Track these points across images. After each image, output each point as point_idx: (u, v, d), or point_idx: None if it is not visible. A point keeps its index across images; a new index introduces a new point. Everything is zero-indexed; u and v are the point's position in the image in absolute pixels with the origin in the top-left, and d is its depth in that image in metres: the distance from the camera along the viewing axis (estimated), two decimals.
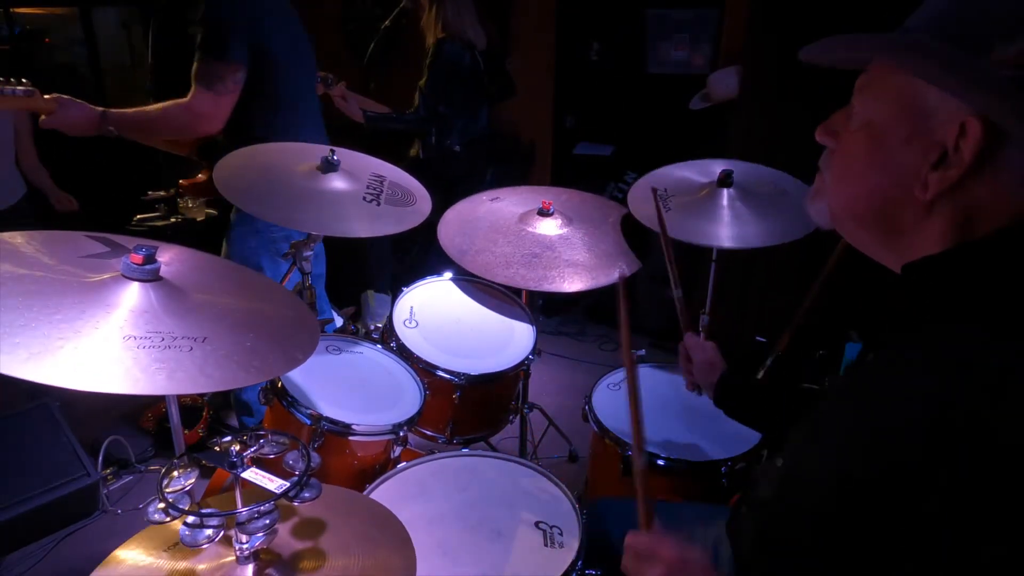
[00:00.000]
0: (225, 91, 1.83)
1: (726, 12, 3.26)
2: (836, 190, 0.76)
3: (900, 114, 0.67)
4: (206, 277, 1.11)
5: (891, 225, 0.70)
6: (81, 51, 4.74)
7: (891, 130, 0.68)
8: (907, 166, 0.66)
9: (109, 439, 2.30)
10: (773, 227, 1.73)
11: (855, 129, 0.72)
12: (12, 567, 2.00)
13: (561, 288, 1.68)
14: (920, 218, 0.68)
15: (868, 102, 0.71)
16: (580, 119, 3.91)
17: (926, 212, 0.67)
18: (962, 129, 0.61)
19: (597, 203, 2.00)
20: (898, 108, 0.67)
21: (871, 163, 0.70)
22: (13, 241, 1.03)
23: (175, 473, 0.90)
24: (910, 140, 0.66)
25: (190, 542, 0.85)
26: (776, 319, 2.03)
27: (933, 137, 0.64)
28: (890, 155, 0.68)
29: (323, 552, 0.96)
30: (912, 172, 0.66)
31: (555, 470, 1.43)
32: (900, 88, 0.67)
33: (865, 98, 0.71)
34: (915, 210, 0.67)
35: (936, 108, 0.64)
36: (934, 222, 0.67)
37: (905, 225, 0.69)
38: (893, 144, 0.68)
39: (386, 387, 1.65)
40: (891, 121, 0.68)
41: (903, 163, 0.67)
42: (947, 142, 0.63)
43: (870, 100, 0.71)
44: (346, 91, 2.82)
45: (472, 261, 1.74)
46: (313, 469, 0.93)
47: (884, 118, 0.69)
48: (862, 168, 0.71)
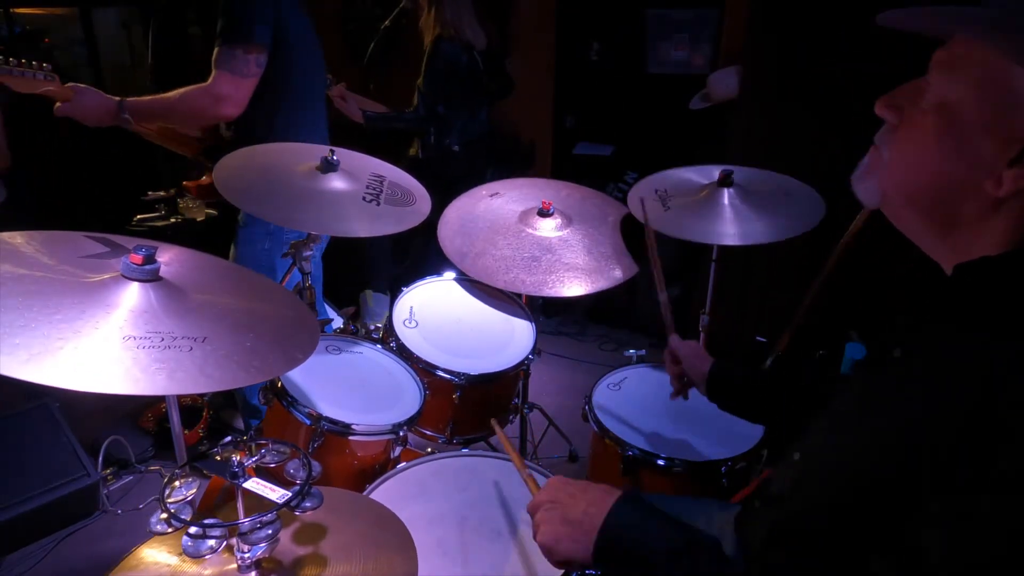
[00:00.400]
0: (248, 73, 1.83)
1: (726, 12, 3.25)
2: (896, 169, 0.70)
3: (983, 98, 0.61)
4: (206, 277, 1.11)
5: (950, 216, 0.66)
6: (81, 51, 4.74)
7: (970, 115, 0.62)
8: (982, 156, 0.61)
9: (109, 439, 2.30)
10: (775, 223, 1.73)
11: (928, 107, 0.66)
12: (12, 567, 2.00)
13: (560, 293, 1.68)
14: (984, 214, 0.63)
15: (947, 80, 0.64)
16: (580, 119, 3.91)
17: (992, 209, 0.62)
18: None
19: (597, 200, 2.00)
20: (982, 91, 0.61)
21: (942, 147, 0.64)
22: (13, 241, 1.03)
23: (177, 483, 0.90)
24: (990, 129, 0.60)
25: (192, 553, 0.85)
26: (776, 319, 2.03)
27: (1016, 129, 0.59)
28: (965, 142, 0.62)
29: (325, 557, 0.96)
30: (987, 163, 0.61)
31: (555, 470, 1.43)
32: (988, 69, 0.61)
33: (944, 75, 0.64)
34: (981, 204, 0.63)
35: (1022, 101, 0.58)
36: (998, 221, 0.63)
37: (966, 218, 0.65)
38: (970, 130, 0.62)
39: (386, 387, 1.65)
40: (971, 105, 0.62)
41: (978, 152, 0.61)
42: None
43: (950, 78, 0.64)
44: (345, 91, 2.82)
45: (472, 265, 1.74)
46: (314, 478, 0.93)
47: (964, 100, 0.62)
48: (931, 150, 0.65)
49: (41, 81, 1.73)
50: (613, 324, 3.64)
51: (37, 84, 1.73)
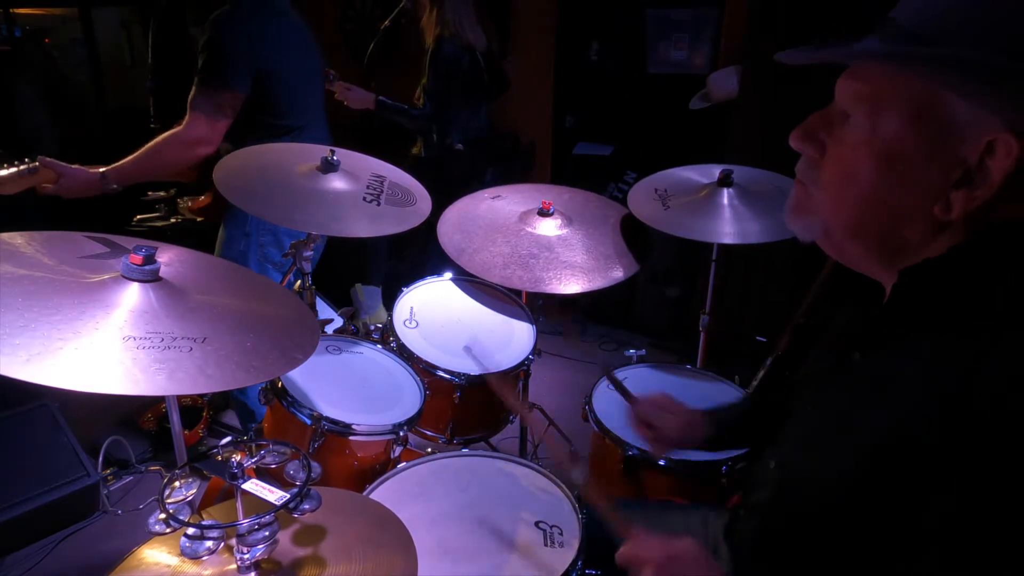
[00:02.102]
0: (223, 116, 1.86)
1: (726, 12, 3.25)
2: (835, 207, 0.68)
3: (917, 128, 0.60)
4: (206, 277, 1.11)
5: (896, 242, 0.65)
6: (81, 51, 4.74)
7: (909, 147, 0.61)
8: (928, 184, 0.61)
9: (109, 440, 2.30)
10: (774, 223, 1.73)
11: (857, 142, 0.65)
12: (12, 568, 2.00)
13: (556, 290, 1.68)
14: (931, 236, 0.63)
15: (874, 113, 0.63)
16: (580, 119, 3.91)
17: (938, 230, 0.62)
18: (989, 147, 0.56)
19: (599, 203, 2.00)
20: (914, 121, 0.60)
21: (885, 181, 0.63)
22: (13, 242, 1.03)
23: (176, 484, 0.90)
24: (930, 156, 0.60)
25: (190, 554, 0.85)
26: (776, 319, 2.03)
27: (956, 153, 0.58)
28: (908, 173, 0.62)
29: (324, 557, 0.96)
30: (931, 191, 0.60)
31: (555, 470, 1.43)
32: (917, 99, 0.60)
33: (869, 109, 0.64)
34: (928, 228, 0.62)
35: (962, 122, 0.58)
36: (943, 239, 0.63)
37: (912, 243, 0.64)
38: (912, 162, 0.61)
39: (386, 387, 1.65)
40: (906, 135, 0.61)
41: (923, 181, 0.61)
42: (970, 159, 0.57)
43: (879, 114, 0.63)
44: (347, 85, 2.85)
45: (470, 260, 1.74)
46: (313, 480, 0.93)
47: (897, 132, 0.62)
48: (873, 185, 0.64)
49: (27, 177, 1.72)
50: (613, 324, 3.64)
51: (24, 181, 1.72)
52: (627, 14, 3.55)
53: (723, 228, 1.73)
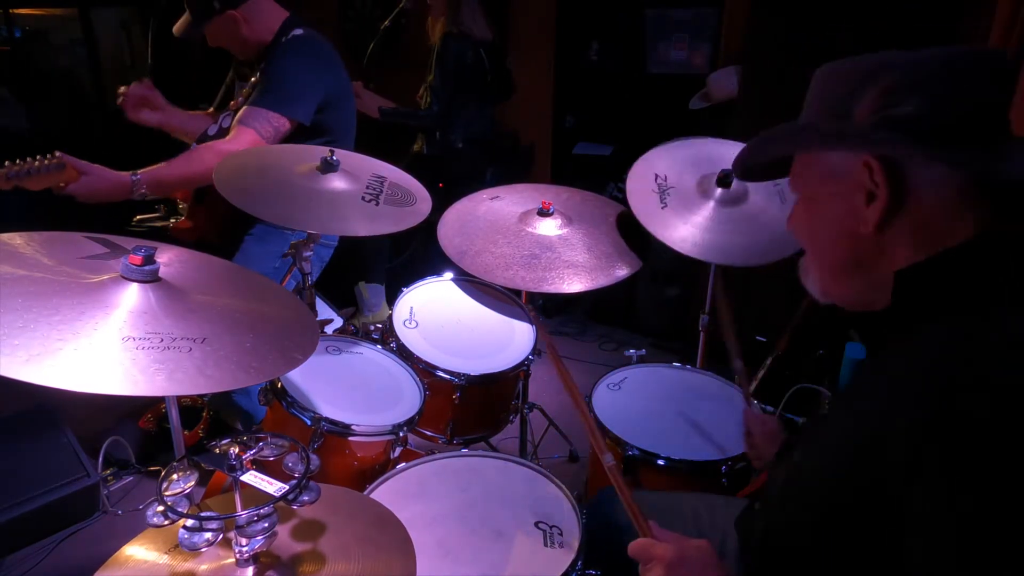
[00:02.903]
0: (271, 139, 1.87)
1: (726, 12, 3.25)
2: (810, 259, 0.88)
3: (822, 179, 0.81)
4: (205, 278, 1.11)
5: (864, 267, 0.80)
6: (81, 51, 4.74)
7: (821, 193, 0.82)
8: (844, 212, 0.78)
9: (109, 440, 2.30)
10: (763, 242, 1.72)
11: (801, 207, 0.87)
12: (12, 568, 2.00)
13: (560, 289, 1.68)
14: (880, 249, 0.77)
15: (799, 183, 0.86)
16: (580, 119, 3.91)
17: (880, 243, 0.76)
18: (868, 167, 0.74)
19: (598, 202, 2.00)
20: (819, 175, 0.81)
21: (819, 223, 0.83)
22: (12, 242, 1.03)
23: (174, 476, 0.90)
24: (839, 193, 0.79)
25: (188, 545, 0.85)
26: (776, 319, 2.03)
27: (854, 182, 0.76)
28: (829, 210, 0.81)
29: (323, 554, 0.96)
30: (851, 215, 0.77)
31: (555, 470, 1.43)
32: (815, 161, 0.82)
33: (796, 183, 0.86)
34: (872, 245, 0.77)
35: (843, 164, 0.77)
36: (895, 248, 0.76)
37: (873, 261, 0.78)
38: (828, 201, 0.81)
39: (386, 387, 1.65)
40: (818, 187, 0.82)
41: (840, 211, 0.79)
42: (866, 182, 0.74)
43: (800, 181, 0.86)
44: (360, 89, 2.86)
45: (472, 262, 1.74)
46: (312, 472, 0.93)
47: (814, 186, 0.83)
48: (815, 231, 0.85)
49: (54, 174, 1.65)
50: (613, 324, 3.64)
51: (51, 178, 1.66)
52: (627, 14, 3.55)
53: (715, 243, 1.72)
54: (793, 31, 2.55)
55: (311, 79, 1.94)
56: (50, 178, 1.65)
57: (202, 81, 2.46)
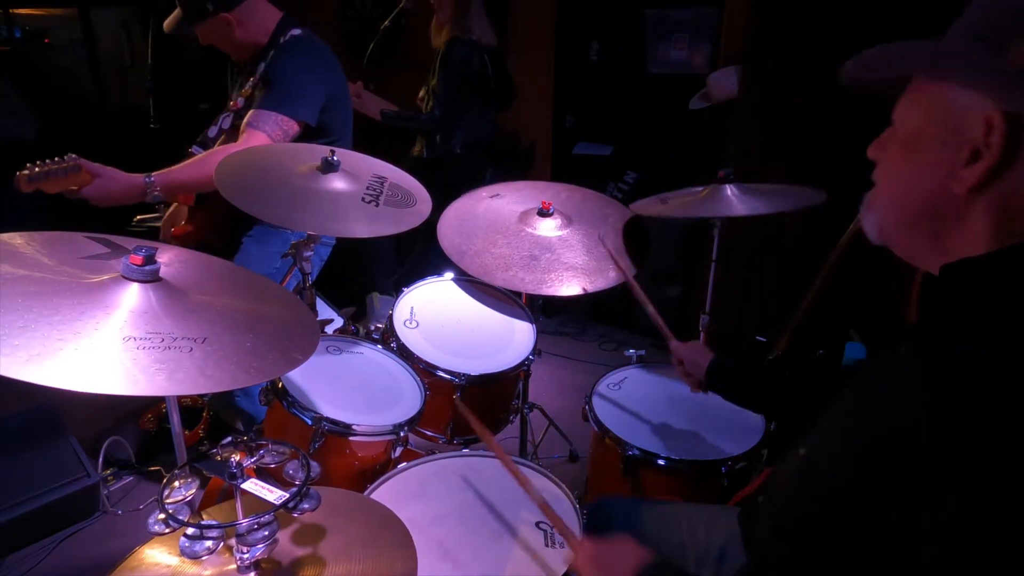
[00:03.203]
0: (280, 141, 1.87)
1: (726, 12, 3.25)
2: (883, 198, 0.80)
3: (933, 119, 0.72)
4: (206, 278, 1.11)
5: (938, 225, 0.73)
6: (81, 51, 4.74)
7: (926, 135, 0.73)
8: (942, 165, 0.70)
9: (109, 440, 2.30)
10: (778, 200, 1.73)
11: (894, 139, 0.78)
12: (12, 568, 2.00)
13: (559, 292, 1.68)
14: (961, 215, 0.70)
15: (906, 113, 0.76)
16: (580, 119, 3.91)
17: (965, 208, 0.70)
18: (988, 125, 0.65)
19: (598, 201, 2.00)
20: (932, 113, 0.72)
21: (909, 167, 0.75)
22: (13, 242, 1.03)
23: (176, 483, 0.90)
24: (944, 141, 0.70)
25: (189, 553, 0.85)
26: (776, 319, 2.03)
27: (965, 136, 0.68)
28: (926, 157, 0.72)
29: (324, 557, 0.96)
30: (947, 170, 0.70)
31: (555, 470, 1.43)
32: (934, 95, 0.72)
33: (904, 110, 0.76)
34: (955, 207, 0.70)
35: (965, 109, 0.68)
36: (975, 220, 0.69)
37: (949, 223, 0.72)
38: (928, 147, 0.72)
39: (386, 387, 1.65)
40: (926, 126, 0.73)
41: (938, 163, 0.71)
42: (978, 140, 0.66)
43: (908, 111, 0.76)
44: (361, 90, 2.87)
45: (471, 263, 1.74)
46: (312, 480, 0.93)
47: (920, 125, 0.74)
48: (902, 173, 0.76)
49: (70, 176, 1.65)
50: (613, 324, 3.64)
51: (67, 180, 1.66)
52: (627, 14, 3.55)
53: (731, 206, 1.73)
54: (793, 31, 2.55)
55: (313, 79, 1.94)
56: (66, 181, 1.66)
57: (202, 81, 2.46)
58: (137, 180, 1.76)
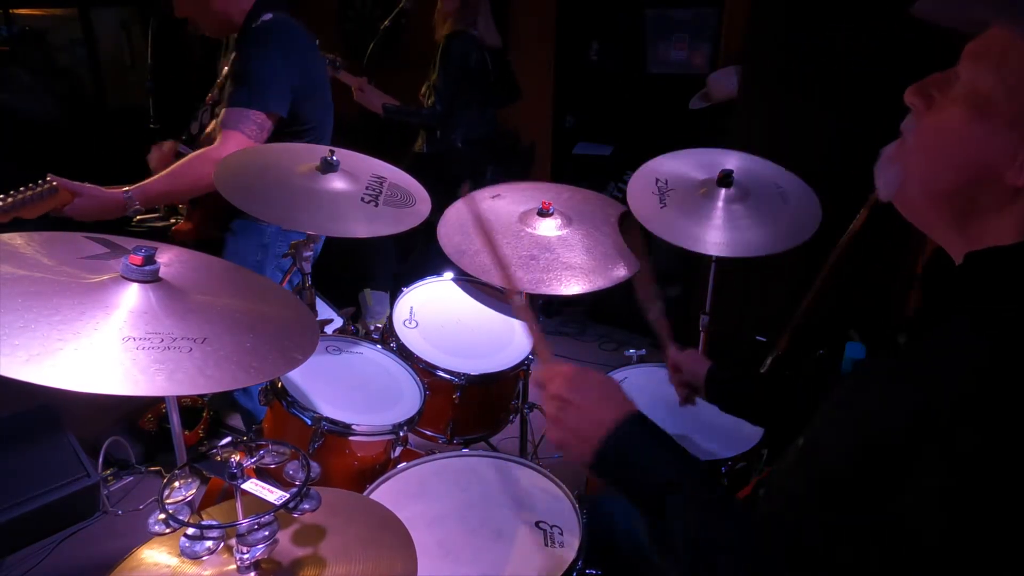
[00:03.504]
0: (259, 139, 1.83)
1: (726, 12, 3.25)
2: (918, 160, 0.69)
3: (1013, 90, 0.61)
4: (205, 278, 1.11)
5: (967, 205, 0.66)
6: (80, 52, 4.74)
7: (998, 105, 0.62)
8: (1006, 147, 0.62)
9: (109, 440, 2.30)
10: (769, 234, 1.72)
11: (957, 96, 0.66)
12: (13, 568, 2.00)
13: (557, 291, 1.67)
14: (1001, 204, 0.64)
15: (978, 70, 0.64)
16: (580, 119, 3.91)
17: (1010, 199, 0.63)
18: None
19: (599, 202, 1.99)
20: (1012, 83, 0.61)
21: (969, 136, 0.64)
22: (12, 242, 1.03)
23: (176, 484, 0.90)
24: (1015, 117, 0.61)
25: (190, 554, 0.85)
26: (776, 319, 2.03)
27: None
28: (991, 132, 0.63)
29: (324, 557, 0.96)
30: (1010, 154, 0.61)
31: (555, 470, 1.43)
32: (1013, 57, 0.61)
33: (975, 65, 0.64)
34: (999, 194, 0.63)
35: None
36: (1014, 210, 0.63)
37: (982, 208, 0.65)
38: (997, 121, 0.62)
39: (386, 387, 1.65)
40: (1000, 95, 0.62)
41: (1003, 143, 0.62)
42: None
43: (981, 68, 0.64)
44: (365, 84, 2.87)
45: (470, 262, 1.74)
46: (313, 480, 0.93)
47: (993, 90, 0.62)
48: (957, 139, 0.65)
49: (48, 200, 1.63)
50: (613, 324, 3.64)
51: (46, 204, 1.64)
52: (627, 14, 3.55)
53: (718, 237, 1.72)
54: (793, 31, 2.55)
55: (282, 67, 1.86)
56: (44, 204, 1.64)
57: (202, 81, 2.46)
58: (116, 196, 1.74)
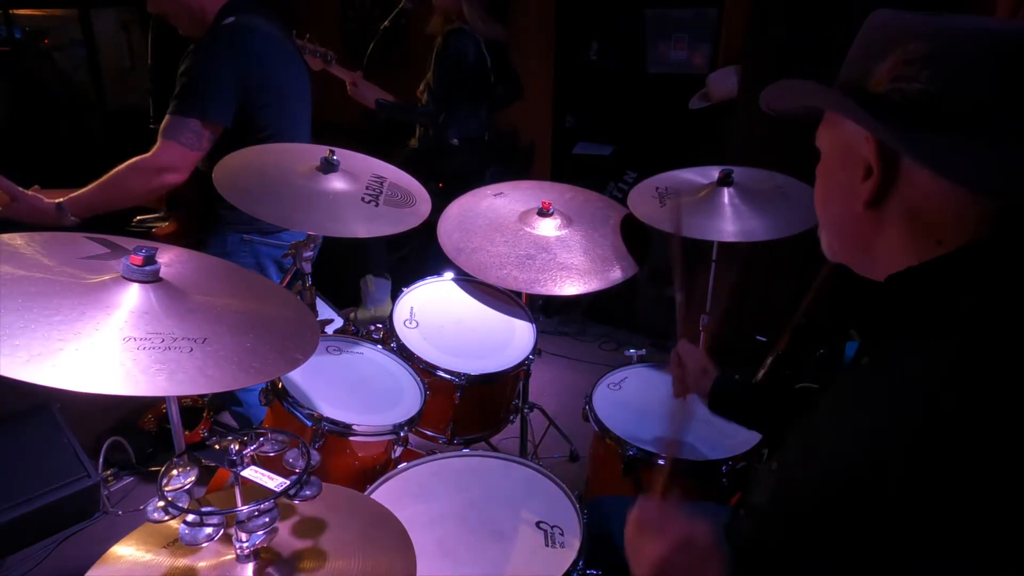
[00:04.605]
0: (199, 148, 1.78)
1: (726, 12, 3.25)
2: (820, 219, 0.86)
3: (837, 144, 0.78)
4: (206, 278, 1.11)
5: (859, 240, 0.78)
6: (80, 52, 4.74)
7: (834, 158, 0.80)
8: (846, 183, 0.76)
9: (109, 440, 2.30)
10: (774, 221, 1.73)
11: (819, 166, 0.84)
12: (13, 568, 2.00)
13: (551, 292, 1.68)
14: (875, 227, 0.75)
15: (823, 140, 0.83)
16: (580, 119, 3.91)
17: (876, 221, 0.74)
18: (868, 141, 0.71)
19: (600, 203, 2.00)
20: (836, 140, 0.79)
21: (825, 190, 0.82)
22: (13, 243, 1.03)
23: (175, 472, 0.90)
24: (845, 163, 0.76)
25: (190, 540, 0.85)
26: (776, 319, 2.03)
27: (859, 156, 0.73)
28: (834, 177, 0.80)
29: (323, 552, 0.96)
30: (851, 187, 0.75)
31: (555, 470, 1.43)
32: (835, 124, 0.79)
33: (821, 139, 0.83)
34: (867, 221, 0.75)
35: (854, 134, 0.74)
36: (889, 230, 0.73)
37: (868, 237, 0.76)
38: (835, 169, 0.79)
39: (386, 387, 1.65)
40: (832, 151, 0.80)
41: (843, 182, 0.77)
42: (867, 157, 0.72)
43: (823, 137, 0.82)
44: (360, 79, 2.87)
45: (467, 260, 1.74)
46: (313, 467, 0.93)
47: (829, 150, 0.81)
48: (823, 196, 0.83)
49: None
50: (613, 324, 3.64)
51: None
52: (627, 14, 3.55)
53: (724, 226, 1.73)
54: (793, 31, 2.55)
55: (226, 75, 1.78)
56: None
57: None
58: (48, 207, 1.72)
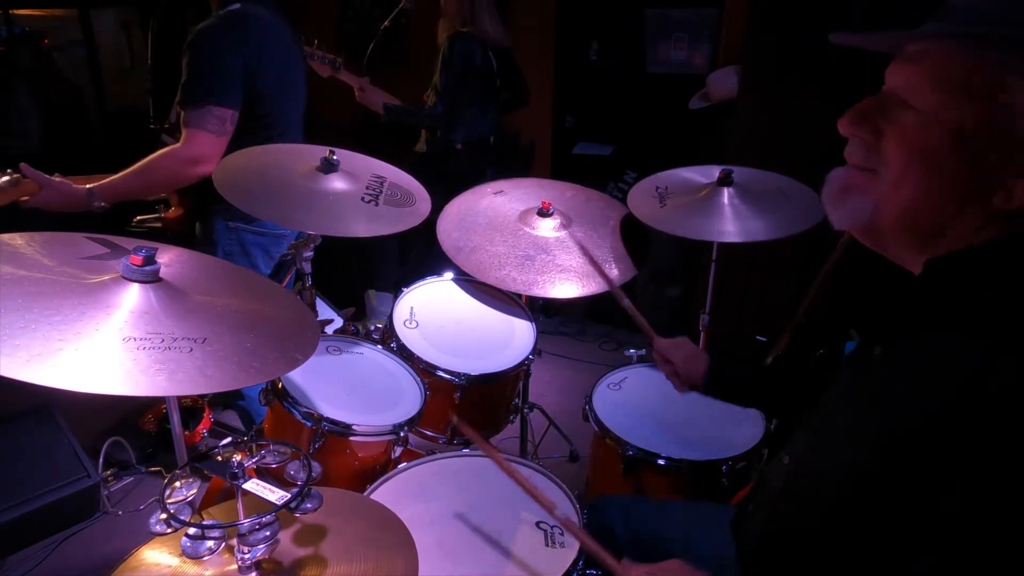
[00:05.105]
0: (224, 132, 1.79)
1: (726, 12, 3.25)
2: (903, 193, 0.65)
3: (984, 110, 0.59)
4: (206, 278, 1.11)
5: (940, 229, 0.64)
6: (80, 52, 4.74)
7: (975, 128, 0.59)
8: (989, 169, 0.60)
9: (109, 440, 2.30)
10: (775, 222, 1.73)
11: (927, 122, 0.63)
12: (13, 568, 2.00)
13: (549, 294, 1.68)
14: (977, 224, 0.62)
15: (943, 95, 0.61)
16: (580, 119, 3.91)
17: (991, 219, 0.61)
18: None
19: (601, 203, 1.99)
20: (982, 104, 0.59)
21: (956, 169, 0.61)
22: (13, 243, 1.03)
23: (177, 483, 0.90)
24: (996, 141, 0.59)
25: (191, 553, 0.85)
26: (776, 318, 2.03)
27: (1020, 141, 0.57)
28: (972, 155, 0.60)
29: (325, 558, 0.96)
30: (994, 177, 0.59)
31: (555, 470, 1.43)
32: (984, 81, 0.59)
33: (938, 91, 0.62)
34: (982, 216, 0.61)
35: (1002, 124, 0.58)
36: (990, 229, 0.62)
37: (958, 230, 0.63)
38: (976, 143, 0.59)
39: (386, 387, 1.65)
40: (974, 118, 0.59)
41: (985, 166, 0.59)
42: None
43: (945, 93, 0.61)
44: (367, 84, 2.87)
45: (466, 259, 1.74)
46: (314, 480, 0.93)
47: (967, 114, 0.60)
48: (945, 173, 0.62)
49: (13, 190, 1.62)
50: (613, 324, 3.64)
51: (10, 193, 1.63)
52: (627, 14, 3.55)
53: (724, 227, 1.73)
54: (793, 31, 2.55)
55: (231, 61, 1.80)
56: (11, 193, 1.64)
57: None
58: (79, 191, 1.72)
